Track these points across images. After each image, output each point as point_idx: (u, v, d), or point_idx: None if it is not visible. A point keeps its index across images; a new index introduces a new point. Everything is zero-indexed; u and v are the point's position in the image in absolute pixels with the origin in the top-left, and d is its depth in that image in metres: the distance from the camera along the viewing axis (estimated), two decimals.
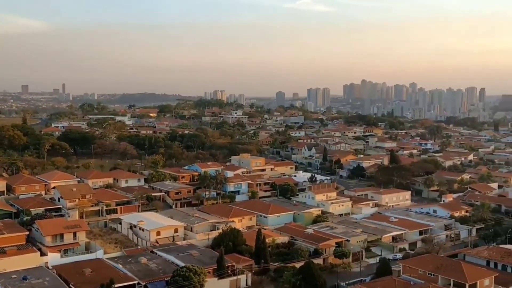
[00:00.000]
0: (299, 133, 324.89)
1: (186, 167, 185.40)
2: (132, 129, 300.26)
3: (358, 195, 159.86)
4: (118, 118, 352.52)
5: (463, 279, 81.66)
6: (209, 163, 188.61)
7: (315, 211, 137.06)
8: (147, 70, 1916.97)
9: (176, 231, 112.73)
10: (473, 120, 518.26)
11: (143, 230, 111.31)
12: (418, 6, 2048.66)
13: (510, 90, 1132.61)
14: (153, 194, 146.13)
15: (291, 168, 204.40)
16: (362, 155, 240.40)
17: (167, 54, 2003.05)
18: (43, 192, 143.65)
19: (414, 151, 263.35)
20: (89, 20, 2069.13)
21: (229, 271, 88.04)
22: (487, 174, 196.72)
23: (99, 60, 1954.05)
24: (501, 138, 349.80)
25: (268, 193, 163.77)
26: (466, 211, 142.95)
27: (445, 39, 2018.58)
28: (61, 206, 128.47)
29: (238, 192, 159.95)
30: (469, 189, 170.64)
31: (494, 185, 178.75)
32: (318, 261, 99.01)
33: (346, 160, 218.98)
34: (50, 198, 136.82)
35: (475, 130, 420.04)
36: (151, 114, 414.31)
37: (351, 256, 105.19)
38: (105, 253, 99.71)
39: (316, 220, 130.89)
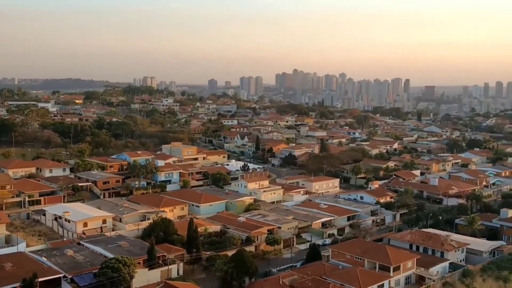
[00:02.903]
0: (232, 121, 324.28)
1: (114, 156, 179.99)
2: (56, 116, 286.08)
3: (290, 183, 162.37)
4: (41, 104, 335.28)
5: (388, 262, 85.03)
6: (138, 152, 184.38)
7: (248, 200, 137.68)
8: (72, 55, 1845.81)
9: (104, 222, 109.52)
10: (398, 110, 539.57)
11: (69, 221, 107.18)
12: None
13: (432, 82, 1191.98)
14: (80, 184, 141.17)
15: (224, 157, 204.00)
16: (293, 144, 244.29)
17: (93, 39, 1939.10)
18: None
19: (343, 140, 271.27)
20: (10, 1, 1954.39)
21: (160, 261, 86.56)
22: (410, 161, 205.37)
23: (20, 44, 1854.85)
24: (424, 128, 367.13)
25: (201, 182, 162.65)
26: (391, 197, 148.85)
27: (372, 32, 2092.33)
28: None
29: (169, 181, 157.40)
30: (393, 176, 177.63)
31: (417, 172, 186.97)
32: (250, 248, 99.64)
33: (278, 148, 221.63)
34: None
35: (399, 119, 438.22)
36: (77, 101, 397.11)
37: (282, 242, 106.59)
38: (27, 246, 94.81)
39: (248, 209, 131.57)
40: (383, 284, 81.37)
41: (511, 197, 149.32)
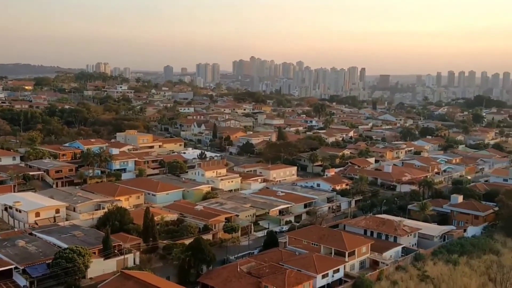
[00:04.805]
0: (188, 109, 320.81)
1: (67, 144, 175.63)
2: (4, 103, 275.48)
3: (247, 171, 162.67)
4: None
5: (343, 247, 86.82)
6: (92, 140, 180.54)
7: (205, 188, 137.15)
8: (21, 39, 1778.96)
9: (57, 211, 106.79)
10: (354, 99, 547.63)
11: (20, 211, 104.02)
12: None
13: (387, 71, 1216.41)
14: (31, 173, 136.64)
15: (180, 145, 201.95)
16: (251, 132, 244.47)
17: (43, 22, 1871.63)
18: None
19: (300, 128, 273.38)
20: None
21: (116, 251, 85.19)
22: (365, 149, 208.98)
23: None
24: (379, 116, 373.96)
25: (157, 171, 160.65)
26: (347, 184, 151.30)
27: (329, 21, 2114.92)
28: None
29: (124, 170, 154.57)
30: (349, 164, 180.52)
31: (372, 160, 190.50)
32: (208, 236, 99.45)
33: (235, 137, 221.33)
34: None
35: (355, 108, 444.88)
36: (27, 87, 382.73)
37: (240, 230, 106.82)
38: None
39: (206, 197, 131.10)
40: (338, 269, 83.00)
41: (461, 184, 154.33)
